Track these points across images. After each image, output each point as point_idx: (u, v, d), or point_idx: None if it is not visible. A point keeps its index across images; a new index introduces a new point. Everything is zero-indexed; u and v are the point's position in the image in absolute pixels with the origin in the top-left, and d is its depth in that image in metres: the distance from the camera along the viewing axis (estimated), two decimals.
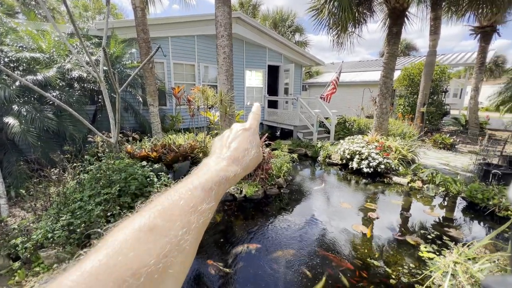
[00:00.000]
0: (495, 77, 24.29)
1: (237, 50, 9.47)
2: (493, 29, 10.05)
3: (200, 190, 0.33)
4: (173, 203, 0.31)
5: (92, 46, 6.23)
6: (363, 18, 7.57)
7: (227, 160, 0.40)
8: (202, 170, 0.38)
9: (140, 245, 0.25)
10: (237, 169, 0.40)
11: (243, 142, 0.44)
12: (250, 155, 0.43)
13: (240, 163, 0.41)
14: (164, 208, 0.30)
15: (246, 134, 0.45)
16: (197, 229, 0.30)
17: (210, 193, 0.34)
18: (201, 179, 0.35)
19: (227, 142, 0.44)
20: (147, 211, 0.29)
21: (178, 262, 0.27)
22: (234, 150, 0.42)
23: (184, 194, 0.32)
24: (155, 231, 0.27)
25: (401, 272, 2.71)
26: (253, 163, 0.44)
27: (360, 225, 3.77)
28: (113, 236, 0.26)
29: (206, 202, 0.33)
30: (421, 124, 9.50)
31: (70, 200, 3.10)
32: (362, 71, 16.80)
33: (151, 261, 0.24)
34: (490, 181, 4.59)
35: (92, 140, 4.85)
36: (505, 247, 0.96)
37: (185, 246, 0.28)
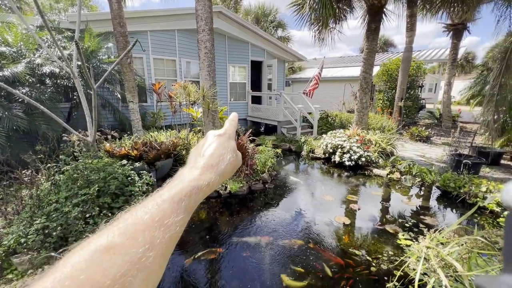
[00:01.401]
0: (466, 73, 25.69)
1: (219, 45, 9.34)
2: (464, 27, 10.59)
3: (169, 203, 0.32)
4: (137, 219, 0.30)
5: (64, 40, 5.89)
6: (343, 14, 7.70)
7: (201, 169, 0.39)
8: (174, 182, 0.37)
9: (94, 266, 0.24)
10: (211, 176, 0.39)
11: (218, 149, 0.43)
12: (225, 161, 0.42)
13: (214, 170, 0.40)
14: (126, 225, 0.29)
15: (220, 140, 0.45)
16: (163, 244, 0.29)
17: (179, 205, 0.33)
18: (171, 191, 0.34)
19: (201, 151, 0.44)
20: (108, 230, 0.28)
21: (138, 281, 0.26)
22: (208, 158, 0.42)
23: (151, 209, 0.31)
24: (112, 251, 0.26)
25: (381, 260, 2.83)
26: (230, 168, 0.43)
27: (343, 216, 3.89)
28: (65, 260, 0.25)
29: (174, 215, 0.32)
30: (399, 118, 9.88)
31: (45, 202, 2.95)
32: (343, 66, 17.15)
33: (106, 282, 0.23)
34: (462, 170, 4.88)
35: (67, 139, 4.61)
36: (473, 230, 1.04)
37: (147, 263, 0.27)
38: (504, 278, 0.27)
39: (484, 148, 6.11)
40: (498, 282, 0.26)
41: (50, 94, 5.17)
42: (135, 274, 0.26)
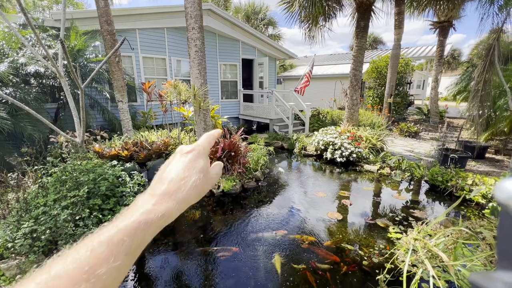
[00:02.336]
0: (453, 69, 26.35)
1: (210, 43, 9.26)
2: (449, 24, 10.83)
3: (106, 246, 0.28)
4: (63, 268, 0.26)
5: (49, 39, 5.73)
6: (332, 12, 7.75)
7: (157, 197, 0.35)
8: (125, 214, 0.33)
9: None
10: (168, 205, 0.35)
11: (181, 171, 0.38)
12: (188, 185, 0.37)
13: (173, 196, 0.36)
14: (47, 277, 0.25)
15: (185, 160, 0.39)
16: None
17: (118, 248, 0.29)
18: (111, 231, 0.30)
19: (163, 173, 0.39)
20: (23, 284, 0.25)
21: None
22: (168, 183, 0.37)
23: (81, 256, 0.27)
24: None
25: (372, 253, 2.89)
26: (195, 192, 0.38)
27: (335, 212, 3.94)
28: None
29: (111, 260, 0.27)
30: (388, 114, 10.05)
31: (32, 205, 2.87)
32: (334, 64, 17.30)
33: None
34: (449, 164, 5.01)
35: (55, 141, 4.50)
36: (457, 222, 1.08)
37: None
38: (498, 274, 0.27)
39: (470, 143, 6.29)
40: (492, 279, 0.26)
41: (35, 94, 5.02)
42: None
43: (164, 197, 0.35)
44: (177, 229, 3.50)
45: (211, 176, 0.42)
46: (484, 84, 5.34)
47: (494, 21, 6.14)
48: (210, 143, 0.44)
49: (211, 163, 0.43)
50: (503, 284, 0.26)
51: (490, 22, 6.18)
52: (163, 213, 0.34)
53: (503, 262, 0.29)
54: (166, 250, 3.06)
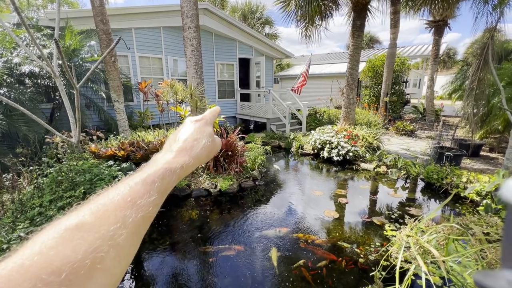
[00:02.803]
0: (448, 68, 26.56)
1: (206, 42, 9.24)
2: (445, 23, 10.91)
3: (141, 185, 0.33)
4: (109, 199, 0.30)
5: (44, 38, 5.68)
6: (329, 11, 7.77)
7: (175, 152, 0.40)
8: (148, 165, 0.38)
9: (65, 242, 0.25)
10: (185, 159, 0.40)
11: (193, 133, 0.44)
12: (200, 145, 0.43)
13: (189, 153, 0.41)
14: (97, 205, 0.29)
15: (196, 125, 0.46)
16: (134, 223, 0.29)
17: (152, 187, 0.33)
18: (143, 175, 0.35)
19: (177, 136, 0.44)
20: (78, 210, 0.29)
21: (110, 257, 0.26)
22: (183, 142, 0.42)
23: (122, 190, 0.31)
24: (83, 228, 0.26)
25: (369, 251, 2.92)
26: (205, 153, 0.44)
27: (332, 210, 3.96)
28: (34, 238, 0.25)
29: (146, 196, 0.32)
30: (385, 113, 10.11)
31: (28, 206, 2.86)
32: (330, 63, 17.35)
33: (76, 257, 0.24)
34: (444, 162, 5.06)
35: (50, 141, 4.47)
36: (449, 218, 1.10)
37: (118, 240, 0.27)
38: (503, 273, 0.27)
39: (465, 141, 6.36)
40: (497, 278, 0.26)
41: (30, 94, 4.98)
42: (106, 250, 0.26)
43: (181, 152, 0.40)
44: (175, 227, 3.50)
45: (216, 142, 0.48)
46: (479, 83, 5.39)
47: (488, 20, 6.19)
48: (214, 116, 0.51)
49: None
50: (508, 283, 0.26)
51: (484, 21, 6.24)
52: (182, 165, 0.39)
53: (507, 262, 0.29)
54: (165, 249, 3.06)
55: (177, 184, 4.45)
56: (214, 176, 4.85)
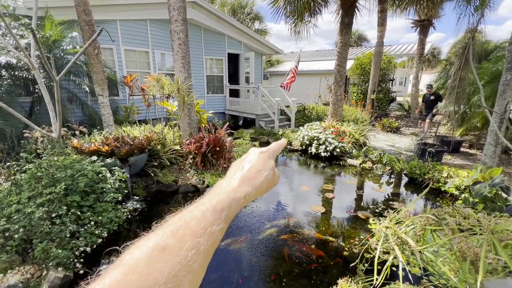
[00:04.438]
0: (432, 67, 27.31)
1: (194, 37, 9.08)
2: (430, 23, 11.20)
3: (211, 212, 0.34)
4: (185, 224, 0.32)
5: (22, 28, 5.41)
6: (318, 8, 7.80)
7: (239, 181, 0.41)
8: (214, 191, 0.39)
9: (154, 263, 0.27)
10: (248, 189, 0.41)
11: (257, 164, 0.45)
12: (262, 176, 0.44)
13: (251, 183, 0.42)
14: (176, 228, 0.31)
15: (260, 157, 0.47)
16: (206, 251, 0.31)
17: (220, 215, 0.35)
18: (213, 201, 0.36)
19: (241, 164, 0.46)
20: (161, 230, 0.31)
21: (187, 281, 0.28)
22: (247, 171, 0.44)
23: (196, 215, 0.33)
24: (167, 251, 0.28)
25: (353, 244, 2.99)
26: (266, 184, 0.44)
27: (319, 205, 4.03)
28: (130, 254, 0.28)
29: (216, 224, 0.33)
30: (371, 110, 10.32)
31: (5, 203, 2.74)
32: (319, 60, 17.47)
33: (162, 280, 0.26)
34: (426, 158, 5.23)
35: (29, 136, 4.29)
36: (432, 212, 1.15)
37: (194, 266, 0.29)
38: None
39: (447, 137, 6.59)
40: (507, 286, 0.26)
41: (7, 87, 4.75)
42: (184, 275, 0.28)
43: (244, 181, 0.42)
44: None
45: (276, 176, 0.48)
46: (460, 82, 5.58)
47: (470, 21, 6.39)
48: (279, 149, 0.52)
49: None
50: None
51: (467, 21, 6.44)
52: (245, 194, 0.40)
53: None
54: None
55: (164, 180, 4.37)
56: (202, 172, 4.82)
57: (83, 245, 2.62)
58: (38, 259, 2.38)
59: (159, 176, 4.58)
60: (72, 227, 2.67)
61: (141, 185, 4.37)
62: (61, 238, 2.53)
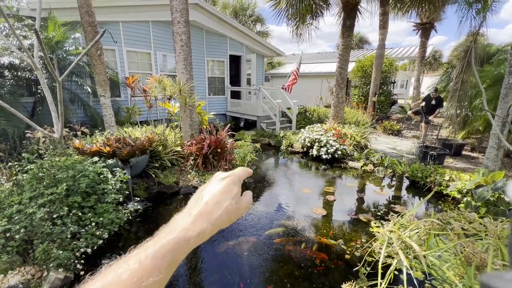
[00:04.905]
0: (434, 70, 27.31)
1: (196, 38, 9.11)
2: (431, 26, 11.21)
3: (151, 259, 0.32)
4: (116, 277, 0.30)
5: (25, 29, 5.43)
6: (320, 10, 7.81)
7: (193, 217, 0.38)
8: (166, 229, 0.37)
9: None
10: (203, 226, 0.37)
11: (216, 195, 0.41)
12: (220, 209, 0.40)
13: (207, 218, 0.38)
14: (104, 283, 0.29)
15: (221, 184, 0.42)
16: None
17: (162, 262, 0.32)
18: (157, 245, 0.33)
19: (201, 194, 0.42)
20: (91, 286, 0.29)
21: None
22: (204, 204, 0.40)
23: (131, 266, 0.31)
24: None
25: (355, 247, 2.97)
26: (227, 217, 0.40)
27: (320, 208, 4.01)
28: None
29: (155, 274, 0.31)
30: (373, 112, 10.31)
31: (6, 204, 2.74)
32: (321, 62, 17.50)
33: None
34: (428, 161, 5.21)
35: (31, 136, 4.29)
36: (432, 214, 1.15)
37: None
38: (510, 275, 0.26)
39: (448, 140, 6.57)
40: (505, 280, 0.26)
41: (10, 87, 4.77)
42: None
43: (200, 218, 0.38)
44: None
45: (242, 204, 0.43)
46: (462, 85, 5.57)
47: (472, 24, 6.39)
48: (245, 174, 0.47)
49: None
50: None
51: (468, 25, 6.44)
52: (199, 232, 0.37)
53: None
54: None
55: (165, 181, 4.36)
56: (203, 173, 4.81)
57: (84, 246, 2.62)
58: (39, 260, 2.38)
59: (160, 177, 4.58)
60: (73, 228, 2.66)
61: (142, 186, 4.37)
62: (62, 239, 2.52)
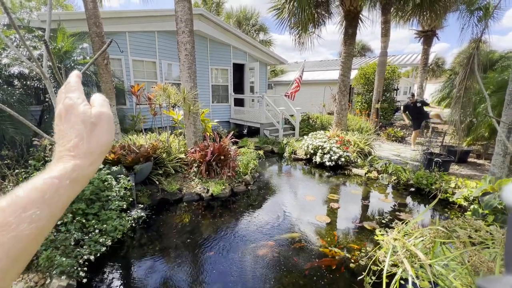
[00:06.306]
0: (437, 76, 27.29)
1: (201, 47, 9.28)
2: (433, 33, 11.27)
3: (28, 192, 0.31)
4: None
5: (35, 40, 5.59)
6: (322, 19, 7.93)
7: (64, 159, 0.34)
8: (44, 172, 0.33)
9: None
10: (76, 163, 0.34)
11: (56, 119, 0.36)
12: (84, 138, 0.34)
13: (77, 155, 0.34)
14: None
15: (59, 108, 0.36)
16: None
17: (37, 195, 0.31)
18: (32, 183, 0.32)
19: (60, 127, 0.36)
20: None
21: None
22: (66, 139, 0.35)
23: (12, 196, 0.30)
24: None
25: (359, 256, 2.93)
26: (98, 142, 0.35)
27: (324, 215, 3.97)
28: None
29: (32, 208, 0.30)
30: (376, 119, 10.28)
31: None
32: (323, 70, 17.62)
33: None
34: (433, 168, 5.15)
35: (38, 144, 4.36)
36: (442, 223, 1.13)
37: None
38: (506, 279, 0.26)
39: (453, 147, 6.50)
40: (501, 283, 0.26)
41: (19, 96, 4.87)
42: None
43: (70, 157, 0.34)
44: (166, 232, 3.44)
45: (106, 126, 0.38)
46: (465, 91, 5.55)
47: (473, 31, 6.42)
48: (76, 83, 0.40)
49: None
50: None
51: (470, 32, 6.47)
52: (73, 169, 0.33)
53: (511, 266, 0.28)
54: (154, 254, 2.99)
55: (168, 188, 4.37)
56: (206, 180, 4.82)
57: (87, 253, 2.62)
58: (42, 267, 2.38)
59: (164, 184, 4.60)
60: (76, 234, 2.67)
61: (146, 193, 4.39)
62: (65, 246, 2.53)
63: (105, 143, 0.36)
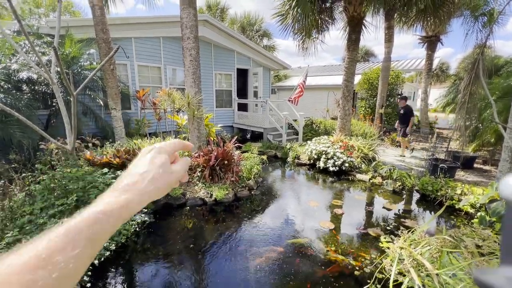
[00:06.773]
0: (441, 82, 27.15)
1: (205, 52, 9.38)
2: (437, 39, 11.26)
3: (62, 236, 0.29)
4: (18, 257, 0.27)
5: (44, 46, 5.73)
6: (325, 25, 7.99)
7: (118, 191, 0.38)
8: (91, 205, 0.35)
9: None
10: (127, 197, 0.37)
11: (140, 167, 0.41)
12: (146, 179, 0.40)
13: (133, 189, 0.38)
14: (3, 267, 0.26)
15: (145, 158, 0.43)
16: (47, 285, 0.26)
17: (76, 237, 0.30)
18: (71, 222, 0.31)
19: (129, 171, 0.42)
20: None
21: None
22: (129, 178, 0.40)
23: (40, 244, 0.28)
24: None
25: (364, 263, 2.89)
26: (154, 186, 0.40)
27: (328, 221, 3.94)
28: None
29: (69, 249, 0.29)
30: (380, 124, 10.24)
31: (18, 214, 2.80)
32: (327, 75, 17.65)
33: None
34: (438, 174, 5.10)
35: (44, 148, 4.43)
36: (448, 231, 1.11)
37: None
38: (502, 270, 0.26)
39: (459, 153, 6.43)
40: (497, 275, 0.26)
41: (27, 101, 4.97)
42: None
43: (124, 190, 0.38)
44: (169, 237, 3.44)
45: (172, 170, 0.44)
46: (470, 97, 5.51)
47: (478, 37, 6.41)
48: (174, 146, 0.46)
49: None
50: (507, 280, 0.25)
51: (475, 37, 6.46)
52: (122, 205, 0.36)
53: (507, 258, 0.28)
54: (158, 259, 2.99)
55: (172, 193, 4.39)
56: (210, 185, 4.82)
57: None
58: None
59: None
60: None
61: None
62: None
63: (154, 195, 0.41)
